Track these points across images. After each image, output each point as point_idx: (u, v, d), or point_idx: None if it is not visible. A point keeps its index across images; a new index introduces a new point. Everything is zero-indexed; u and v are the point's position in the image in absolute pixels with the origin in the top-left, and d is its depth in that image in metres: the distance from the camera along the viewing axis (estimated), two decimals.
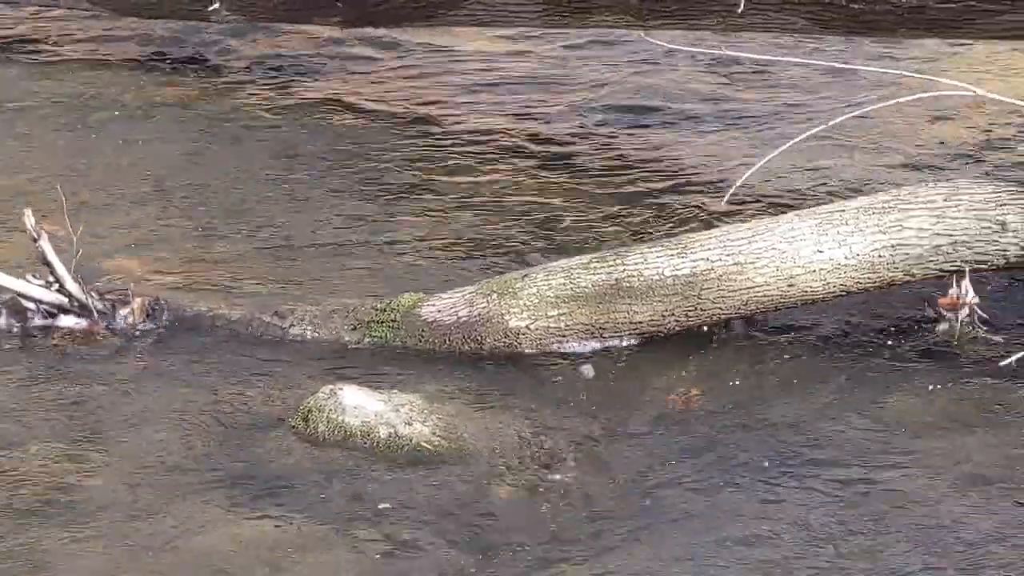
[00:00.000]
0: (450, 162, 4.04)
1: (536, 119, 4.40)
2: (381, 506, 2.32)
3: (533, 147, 4.14)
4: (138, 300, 2.94)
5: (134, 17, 4.75)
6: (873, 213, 2.81)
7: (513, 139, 4.23)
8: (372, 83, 4.68)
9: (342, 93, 4.56)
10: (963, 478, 2.41)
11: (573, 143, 4.20)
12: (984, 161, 3.86)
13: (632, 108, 4.34)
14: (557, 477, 2.36)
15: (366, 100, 4.52)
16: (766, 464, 2.46)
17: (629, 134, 4.26)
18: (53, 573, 2.17)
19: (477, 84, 4.59)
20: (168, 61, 4.78)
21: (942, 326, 2.77)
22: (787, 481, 2.43)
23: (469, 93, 4.54)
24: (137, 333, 2.91)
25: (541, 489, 2.34)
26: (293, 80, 4.61)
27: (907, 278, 2.78)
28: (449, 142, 4.14)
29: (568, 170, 4.01)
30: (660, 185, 3.81)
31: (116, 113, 4.37)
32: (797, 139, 3.05)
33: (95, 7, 4.80)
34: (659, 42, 3.65)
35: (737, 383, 2.74)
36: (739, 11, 3.47)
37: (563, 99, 4.48)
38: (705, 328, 2.94)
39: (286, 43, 4.85)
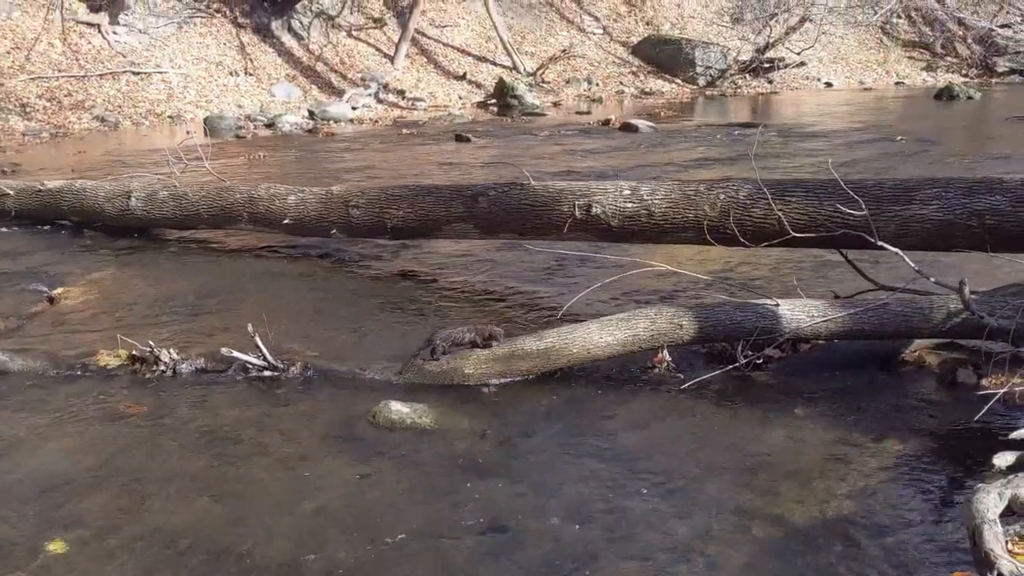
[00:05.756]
0: (422, 297, 5.19)
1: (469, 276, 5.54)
2: (411, 452, 3.18)
3: (471, 291, 5.32)
4: (299, 363, 3.93)
5: (293, 235, 6.15)
6: (624, 320, 3.82)
7: (457, 285, 5.39)
8: (396, 264, 5.94)
9: (388, 266, 5.85)
10: (663, 434, 3.34)
11: (485, 288, 5.32)
12: (684, 296, 4.84)
13: (521, 276, 5.48)
14: (483, 443, 3.27)
15: (390, 268, 5.82)
16: (564, 429, 3.39)
17: (516, 286, 5.31)
18: (264, 495, 2.85)
19: (443, 260, 5.89)
20: (308, 255, 6.23)
21: (656, 369, 3.87)
22: (574, 441, 3.29)
23: (439, 267, 5.77)
24: (298, 379, 3.84)
25: (476, 445, 3.25)
26: (364, 262, 5.94)
27: (641, 350, 3.82)
28: (429, 285, 5.41)
29: (478, 298, 5.10)
30: (529, 310, 4.85)
31: (289, 278, 5.67)
32: (590, 289, 4.29)
33: (263, 230, 6.07)
34: (534, 247, 4.95)
35: (564, 394, 3.68)
36: (564, 231, 4.78)
37: (482, 275, 5.64)
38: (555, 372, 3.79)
39: (363, 246, 6.24)
